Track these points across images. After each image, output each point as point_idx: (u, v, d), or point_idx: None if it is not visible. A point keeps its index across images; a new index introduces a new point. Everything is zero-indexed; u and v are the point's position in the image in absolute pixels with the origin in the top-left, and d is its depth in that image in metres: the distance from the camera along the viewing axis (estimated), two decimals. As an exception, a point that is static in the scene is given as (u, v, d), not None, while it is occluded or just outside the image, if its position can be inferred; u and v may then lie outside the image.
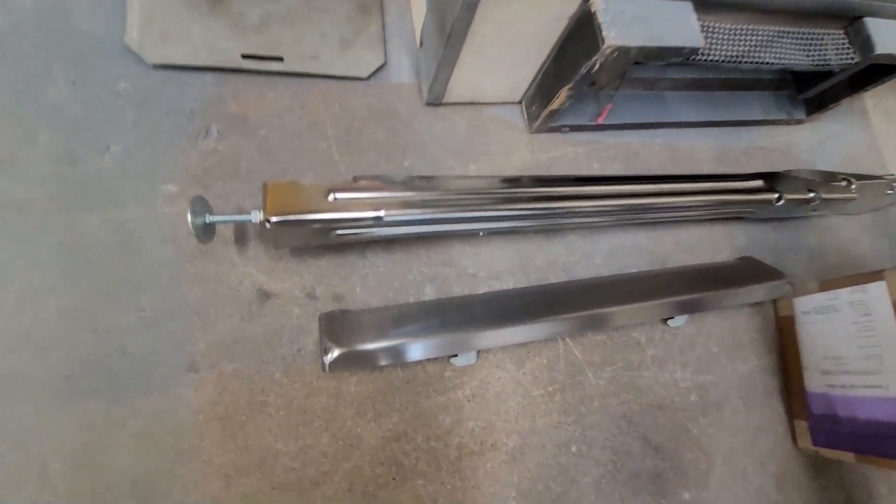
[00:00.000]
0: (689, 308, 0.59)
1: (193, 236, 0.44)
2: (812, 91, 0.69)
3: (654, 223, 0.66)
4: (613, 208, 0.61)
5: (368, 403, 0.51)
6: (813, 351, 0.62)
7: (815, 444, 0.61)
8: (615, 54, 0.47)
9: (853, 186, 0.67)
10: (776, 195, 0.62)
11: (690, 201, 0.62)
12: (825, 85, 0.67)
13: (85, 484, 0.44)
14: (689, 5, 0.50)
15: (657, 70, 0.65)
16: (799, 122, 0.76)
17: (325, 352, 0.45)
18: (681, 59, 0.50)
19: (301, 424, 0.49)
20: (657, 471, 0.58)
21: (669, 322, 0.61)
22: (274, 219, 0.43)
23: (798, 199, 0.63)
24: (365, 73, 0.59)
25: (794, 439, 0.64)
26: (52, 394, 0.45)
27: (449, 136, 0.61)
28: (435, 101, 0.60)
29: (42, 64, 0.51)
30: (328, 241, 0.48)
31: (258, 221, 0.43)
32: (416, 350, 0.49)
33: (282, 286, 0.52)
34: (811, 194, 0.64)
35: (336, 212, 0.45)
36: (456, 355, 0.52)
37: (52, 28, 0.52)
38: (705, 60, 0.52)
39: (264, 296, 0.51)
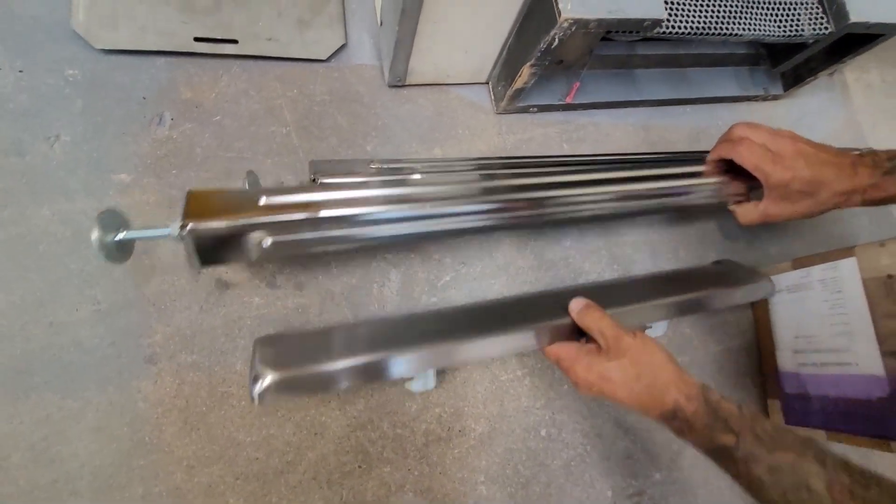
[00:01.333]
0: (668, 314, 0.55)
1: (102, 258, 0.37)
2: (787, 64, 0.67)
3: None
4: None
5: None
6: (785, 330, 0.61)
7: (787, 422, 0.61)
8: (573, 27, 0.46)
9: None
10: None
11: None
12: (800, 57, 0.65)
13: (45, 476, 0.43)
14: (652, -23, 0.48)
15: (627, 47, 0.63)
16: (776, 97, 0.75)
17: (255, 380, 0.39)
18: (643, 32, 0.49)
19: (264, 414, 0.49)
20: (628, 452, 0.58)
21: (647, 330, 0.57)
22: (191, 226, 0.37)
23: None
24: (324, 55, 0.57)
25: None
26: (7, 388, 0.44)
27: (413, 118, 0.59)
28: (397, 83, 0.58)
29: (-15, 51, 0.50)
30: (265, 255, 0.41)
31: (177, 234, 0.37)
32: (364, 374, 0.43)
33: (241, 276, 0.51)
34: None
35: (266, 216, 0.39)
36: (412, 378, 0.47)
37: (-6, 13, 0.51)
38: (670, 33, 0.51)
39: (223, 286, 0.50)
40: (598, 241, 0.63)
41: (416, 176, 0.48)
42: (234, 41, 0.54)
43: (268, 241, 0.41)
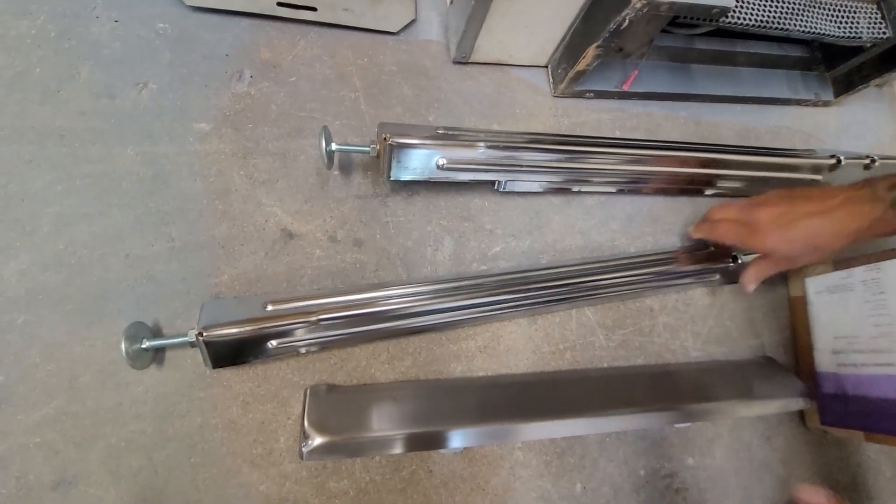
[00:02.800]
0: (696, 418, 0.56)
1: (128, 364, 0.44)
2: (841, 68, 0.68)
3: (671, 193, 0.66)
4: (635, 174, 0.62)
5: (383, 346, 0.52)
6: (824, 331, 0.61)
7: (823, 423, 0.61)
8: (645, 9, 0.47)
9: (876, 164, 0.66)
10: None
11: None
12: (855, 61, 0.66)
13: (111, 398, 0.46)
14: (724, -35, 0.49)
15: (685, 40, 0.65)
16: (826, 103, 0.75)
17: (305, 437, 0.44)
18: (710, 19, 0.50)
19: (318, 360, 0.51)
20: (663, 435, 0.59)
21: (676, 424, 0.57)
22: (205, 334, 0.43)
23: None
24: (395, 28, 0.60)
25: (802, 418, 0.64)
26: (82, 313, 0.47)
27: (474, 94, 0.62)
28: (462, 60, 0.61)
29: (87, 0, 0.53)
30: (265, 354, 0.47)
31: (193, 339, 0.44)
32: (402, 446, 0.46)
33: (305, 228, 0.53)
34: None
35: (271, 322, 0.45)
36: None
37: (96, -33, 0.54)
38: (732, 24, 0.52)
39: (288, 236, 0.52)
40: (644, 227, 0.64)
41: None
42: (314, 9, 0.57)
43: (273, 343, 0.47)
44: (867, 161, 0.67)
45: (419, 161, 0.51)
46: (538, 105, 0.64)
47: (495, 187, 0.57)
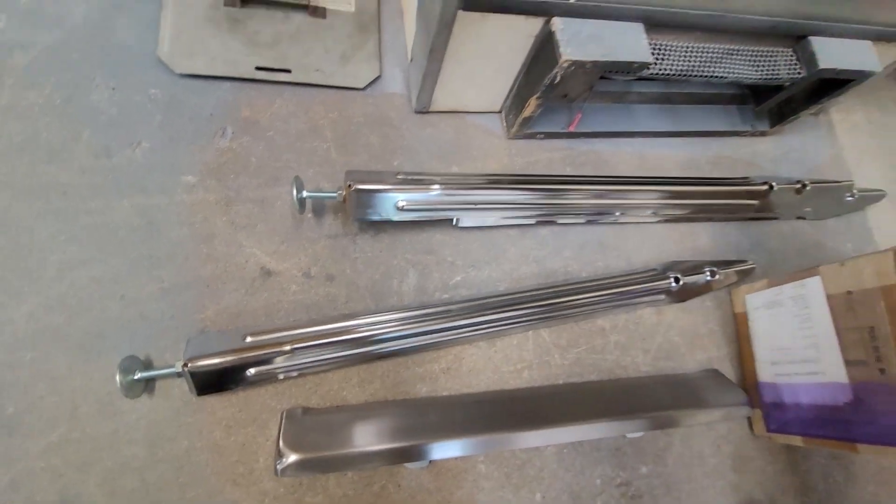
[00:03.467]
0: (646, 427, 0.60)
1: (122, 394, 0.50)
2: (768, 104, 0.75)
3: (620, 222, 0.72)
4: (586, 207, 0.68)
5: (353, 371, 0.58)
6: (763, 343, 0.67)
7: (768, 430, 0.66)
8: (572, 67, 0.55)
9: (808, 188, 0.73)
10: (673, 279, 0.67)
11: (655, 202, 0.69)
12: (780, 97, 0.73)
13: (108, 426, 0.51)
14: (640, 26, 0.57)
15: (624, 84, 0.72)
16: (763, 133, 0.82)
17: (279, 456, 0.48)
18: (632, 73, 0.57)
19: (294, 386, 0.56)
20: (617, 446, 0.63)
21: (628, 434, 0.62)
22: (190, 365, 0.49)
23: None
24: (362, 84, 0.67)
25: (750, 426, 0.69)
26: (82, 349, 0.53)
27: (435, 140, 0.69)
28: (423, 110, 0.68)
29: (88, 72, 0.61)
30: (246, 382, 0.53)
31: (180, 370, 0.49)
32: (372, 461, 0.51)
33: (282, 266, 0.59)
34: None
35: (250, 352, 0.51)
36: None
37: (97, 41, 0.62)
38: (657, 74, 0.59)
39: (267, 274, 0.59)
40: (595, 253, 0.70)
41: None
42: (288, 70, 0.64)
43: (252, 371, 0.52)
44: (798, 186, 0.74)
45: (381, 204, 0.57)
46: (493, 147, 0.70)
47: (453, 223, 0.63)
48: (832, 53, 0.64)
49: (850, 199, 0.79)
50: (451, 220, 0.63)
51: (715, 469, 0.66)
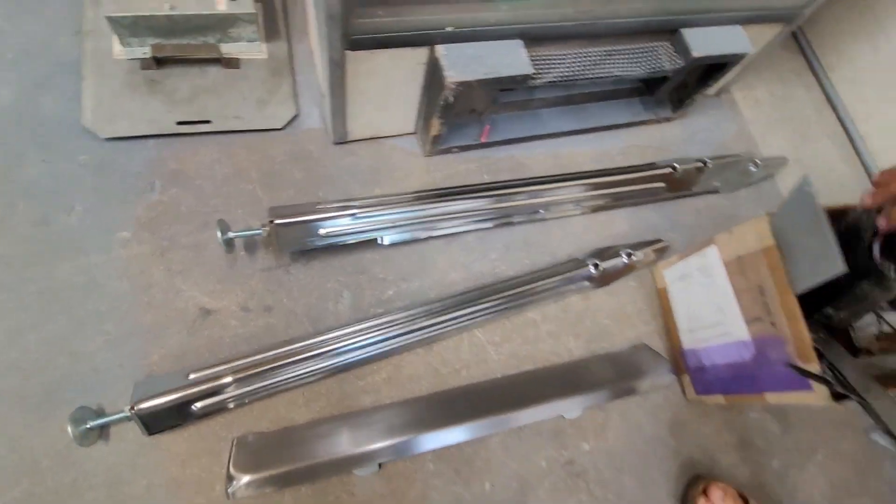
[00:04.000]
0: (582, 405, 0.65)
1: (77, 443, 0.53)
2: (661, 92, 0.81)
3: (543, 219, 0.77)
4: (503, 209, 0.73)
5: (298, 392, 0.62)
6: (681, 313, 0.72)
7: (697, 393, 0.71)
8: (460, 88, 0.60)
9: (709, 165, 0.79)
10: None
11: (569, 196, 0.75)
12: (670, 85, 0.79)
13: (68, 475, 0.54)
14: (520, 42, 0.62)
15: (526, 93, 0.78)
16: (668, 119, 0.88)
17: (229, 480, 0.53)
18: (518, 85, 0.63)
19: (245, 415, 0.60)
20: (558, 428, 0.68)
21: (566, 415, 0.66)
22: (137, 407, 0.54)
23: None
24: (281, 125, 0.72)
25: (684, 393, 0.73)
26: (38, 407, 0.56)
27: (356, 167, 0.73)
28: (341, 140, 0.73)
29: (19, 149, 0.65)
30: (194, 416, 0.57)
31: (129, 413, 0.53)
32: (320, 472, 0.56)
33: (220, 304, 0.63)
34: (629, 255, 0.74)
35: (193, 388, 0.56)
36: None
37: (24, 119, 0.66)
38: (541, 84, 0.65)
39: (206, 313, 0.63)
40: (520, 252, 0.75)
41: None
42: (208, 121, 0.69)
43: (198, 406, 0.56)
44: (700, 164, 0.80)
45: (305, 233, 0.62)
46: (412, 166, 0.75)
47: (378, 242, 0.68)
48: (704, 42, 0.70)
49: (754, 169, 0.85)
50: (376, 239, 0.67)
51: (654, 436, 0.70)
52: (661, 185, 0.79)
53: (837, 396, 0.51)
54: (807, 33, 1.08)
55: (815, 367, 0.52)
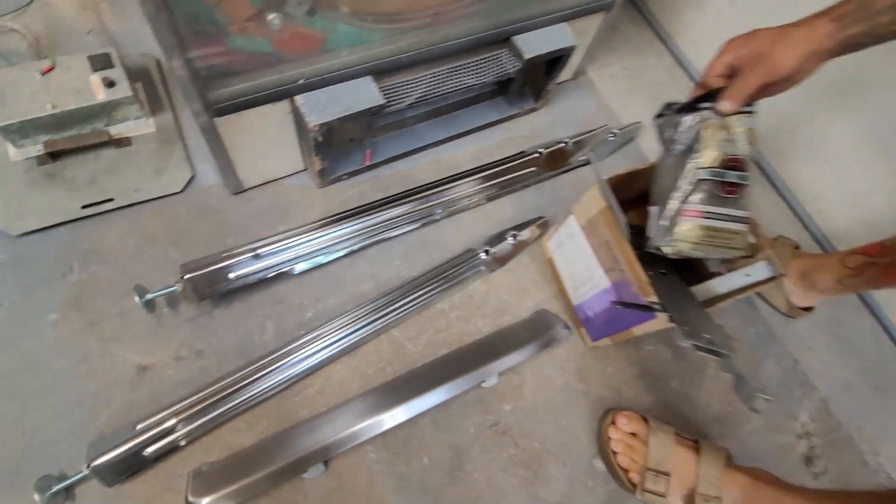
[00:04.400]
0: (494, 371, 0.74)
1: None
2: (514, 89, 0.92)
3: (436, 220, 0.87)
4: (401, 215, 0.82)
5: (241, 420, 0.70)
6: (566, 275, 0.83)
7: (593, 340, 0.82)
8: (324, 129, 0.69)
9: (569, 144, 0.90)
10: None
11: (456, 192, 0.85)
12: (516, 85, 0.90)
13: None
14: (369, 78, 0.72)
15: (399, 114, 0.87)
16: (534, 109, 0.99)
17: None
18: (374, 115, 0.72)
19: (199, 452, 0.67)
20: (479, 397, 0.78)
21: (483, 384, 0.75)
22: (94, 464, 0.60)
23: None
24: (179, 188, 0.79)
25: (584, 343, 0.85)
26: (6, 486, 0.62)
27: (258, 211, 0.81)
28: (238, 190, 0.81)
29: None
30: (148, 461, 0.64)
31: (88, 472, 0.59)
32: (269, 481, 0.63)
33: (154, 359, 0.70)
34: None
35: (140, 436, 0.62)
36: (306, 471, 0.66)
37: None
38: (398, 109, 0.75)
39: (143, 370, 0.70)
40: (420, 254, 0.84)
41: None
42: (111, 199, 0.76)
43: (149, 451, 0.63)
44: (562, 145, 0.91)
45: (216, 281, 0.70)
46: (311, 198, 0.84)
47: (291, 273, 0.76)
48: (534, 44, 0.81)
49: (612, 138, 0.97)
50: (288, 271, 0.76)
51: (565, 385, 0.81)
52: (534, 169, 0.90)
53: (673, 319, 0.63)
54: (651, 8, 1.23)
55: (651, 299, 0.63)
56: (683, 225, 0.59)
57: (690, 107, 0.59)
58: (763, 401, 0.54)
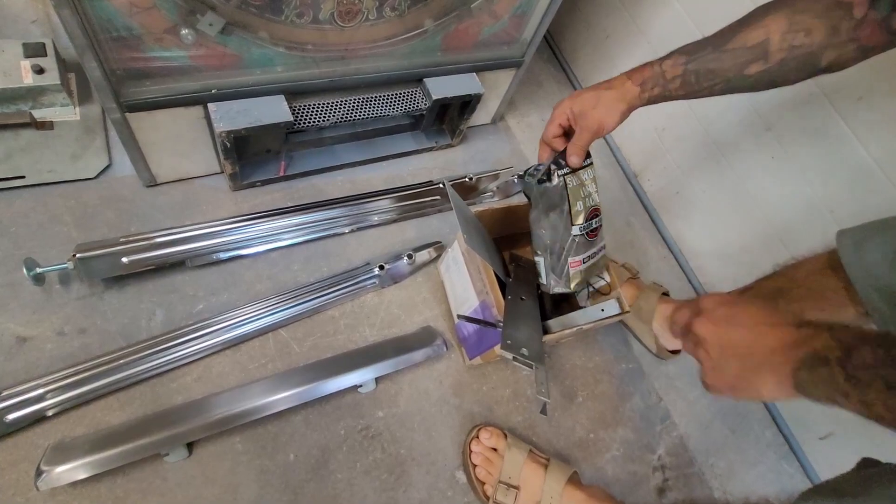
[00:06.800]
0: (369, 375, 0.80)
1: None
2: (426, 125, 1.02)
3: (343, 234, 0.94)
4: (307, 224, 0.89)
5: (113, 398, 0.72)
6: (452, 296, 0.91)
7: (470, 358, 0.89)
8: (231, 136, 0.75)
9: (472, 179, 1.00)
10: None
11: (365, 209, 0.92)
12: (428, 121, 1.00)
13: None
14: (282, 97, 0.79)
15: (317, 132, 0.95)
16: (450, 146, 1.09)
17: (38, 474, 0.60)
18: (281, 130, 0.79)
19: (60, 423, 0.69)
20: (355, 402, 0.82)
21: (360, 389, 0.81)
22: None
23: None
24: (93, 174, 0.84)
25: (464, 361, 0.91)
26: None
27: (167, 205, 0.86)
28: (151, 184, 0.86)
29: None
30: (6, 427, 0.65)
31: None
32: (127, 456, 0.64)
33: (36, 331, 0.73)
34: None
35: (5, 402, 0.65)
36: (168, 454, 0.69)
37: None
38: (306, 128, 0.82)
39: (22, 340, 0.72)
40: (320, 262, 0.90)
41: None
42: (23, 177, 0.79)
43: (9, 418, 0.66)
44: (466, 180, 1.00)
45: (108, 263, 0.74)
46: (221, 200, 0.90)
47: (187, 265, 0.81)
48: (442, 87, 0.91)
49: (516, 179, 1.07)
50: (184, 262, 0.80)
51: (440, 399, 0.87)
52: (438, 197, 0.99)
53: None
54: (574, 69, 1.37)
55: (498, 318, 0.71)
56: (573, 275, 0.73)
57: (547, 172, 0.69)
58: (544, 403, 0.64)
